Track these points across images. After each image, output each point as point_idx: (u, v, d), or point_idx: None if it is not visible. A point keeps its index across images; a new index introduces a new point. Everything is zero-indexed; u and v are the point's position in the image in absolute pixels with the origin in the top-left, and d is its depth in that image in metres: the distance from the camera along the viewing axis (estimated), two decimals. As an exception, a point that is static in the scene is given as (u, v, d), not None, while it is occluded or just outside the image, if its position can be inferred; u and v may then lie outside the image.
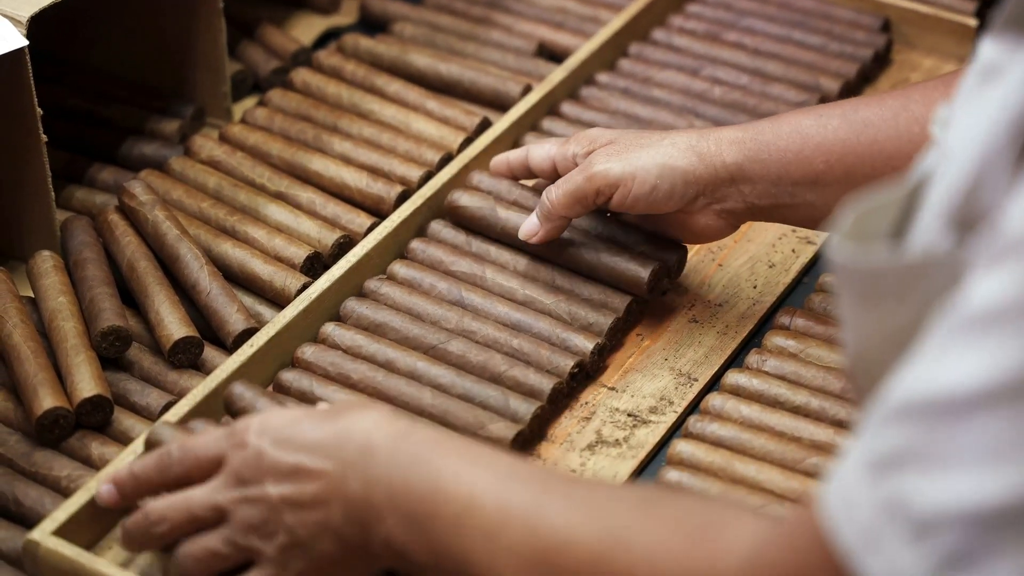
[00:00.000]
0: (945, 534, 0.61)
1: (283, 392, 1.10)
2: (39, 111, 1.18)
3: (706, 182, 1.12)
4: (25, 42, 1.15)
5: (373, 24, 1.56)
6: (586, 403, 1.13)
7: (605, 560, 0.78)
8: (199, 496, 0.93)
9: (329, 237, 1.24)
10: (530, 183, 1.26)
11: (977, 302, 0.61)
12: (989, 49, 0.72)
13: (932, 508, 0.62)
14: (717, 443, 1.08)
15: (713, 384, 1.15)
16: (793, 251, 1.26)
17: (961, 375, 0.61)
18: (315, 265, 1.23)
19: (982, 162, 0.65)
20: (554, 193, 1.15)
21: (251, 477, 0.91)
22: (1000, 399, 0.60)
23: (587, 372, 1.14)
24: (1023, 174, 0.64)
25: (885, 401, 0.65)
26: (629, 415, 1.12)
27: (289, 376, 1.11)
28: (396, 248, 1.23)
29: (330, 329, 1.15)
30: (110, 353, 1.13)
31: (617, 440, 1.10)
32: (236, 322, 1.15)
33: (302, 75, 1.43)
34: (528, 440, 1.08)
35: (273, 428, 0.91)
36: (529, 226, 1.18)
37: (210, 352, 1.15)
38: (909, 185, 0.72)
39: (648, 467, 1.09)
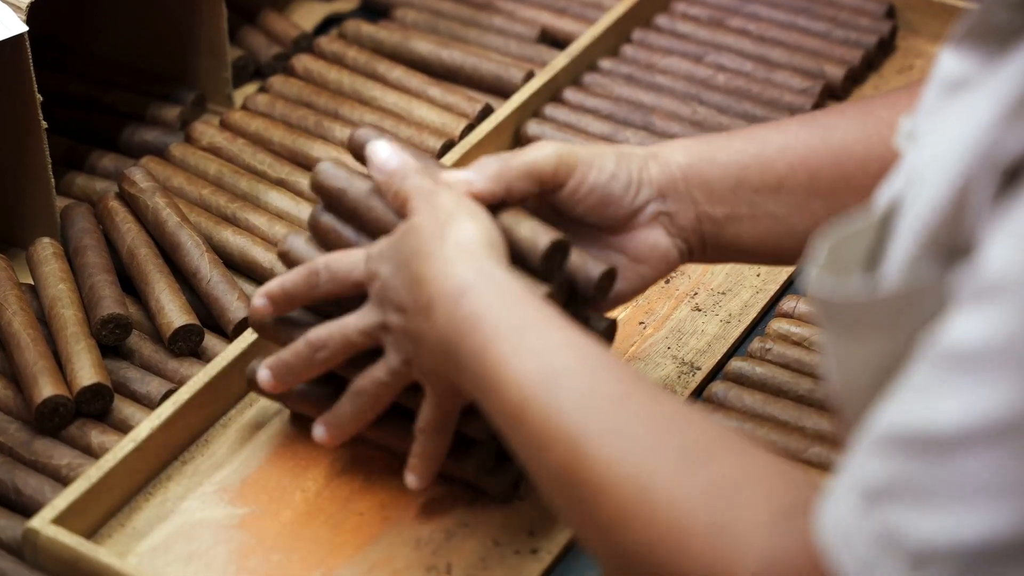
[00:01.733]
0: (941, 567, 0.62)
1: None
2: (39, 97, 1.18)
3: (659, 182, 1.01)
4: (25, 28, 1.14)
5: (375, 10, 1.56)
6: (588, 391, 1.12)
7: (633, 513, 0.77)
8: (352, 321, 0.97)
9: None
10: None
11: (962, 340, 0.62)
12: (951, 62, 0.72)
13: (926, 541, 0.63)
14: (720, 432, 1.07)
15: (716, 373, 1.15)
16: (797, 239, 1.26)
17: (950, 412, 0.62)
18: (316, 252, 1.22)
19: (962, 190, 0.65)
20: (506, 162, 0.99)
21: (384, 307, 0.95)
22: (988, 439, 0.61)
23: None
24: (1003, 208, 0.64)
25: (874, 429, 0.66)
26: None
27: None
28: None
29: None
30: (110, 341, 1.13)
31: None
32: (237, 310, 1.15)
33: (303, 61, 1.43)
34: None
35: (393, 259, 0.94)
36: (464, 175, 0.99)
37: (211, 340, 1.15)
38: (880, 211, 0.72)
39: (650, 456, 1.09)
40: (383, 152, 0.99)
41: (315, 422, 1.02)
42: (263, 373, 1.02)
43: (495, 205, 0.99)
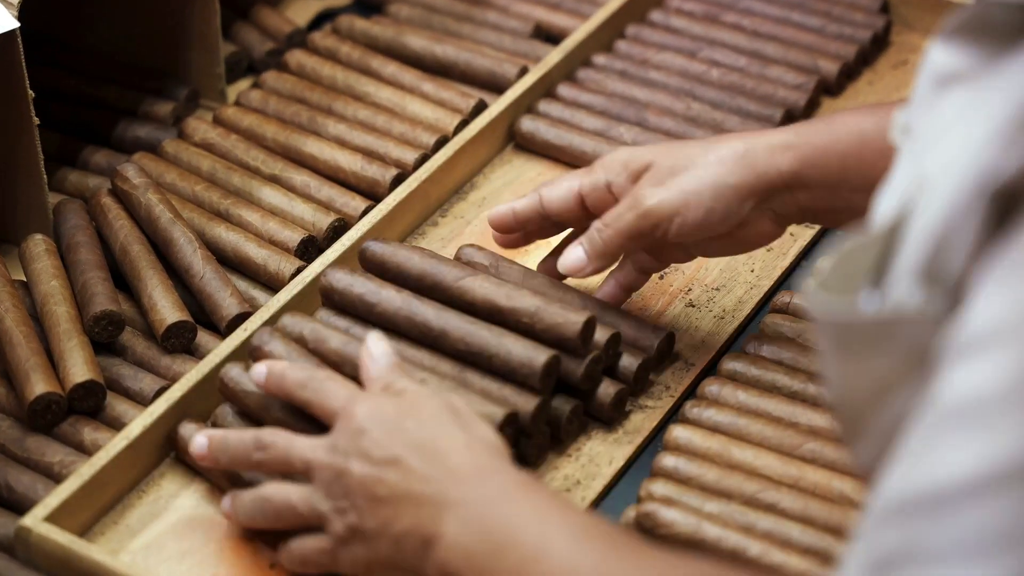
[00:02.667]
0: None
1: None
2: (31, 93, 1.17)
3: (760, 193, 1.06)
4: (17, 24, 1.14)
5: (368, 5, 1.55)
6: (582, 388, 1.12)
7: None
8: (300, 446, 0.95)
9: (323, 220, 1.23)
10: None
11: (955, 395, 0.62)
12: (942, 55, 0.72)
13: None
14: (714, 429, 1.07)
15: (710, 369, 1.15)
16: (791, 234, 1.25)
17: (946, 468, 0.61)
18: (309, 249, 1.22)
19: (948, 216, 0.65)
20: (607, 233, 1.07)
21: (344, 449, 0.92)
22: (986, 489, 0.60)
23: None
24: (993, 249, 0.63)
25: (876, 503, 0.65)
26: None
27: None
28: (391, 232, 1.23)
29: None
30: (103, 338, 1.12)
31: (614, 425, 1.09)
32: (230, 306, 1.14)
33: (297, 57, 1.42)
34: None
35: (382, 413, 0.92)
36: (575, 259, 1.09)
37: (203, 336, 1.15)
38: (888, 221, 0.71)
39: (644, 452, 1.09)
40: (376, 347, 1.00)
41: (225, 494, 1.00)
42: (200, 440, 1.00)
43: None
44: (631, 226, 1.06)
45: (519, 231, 1.15)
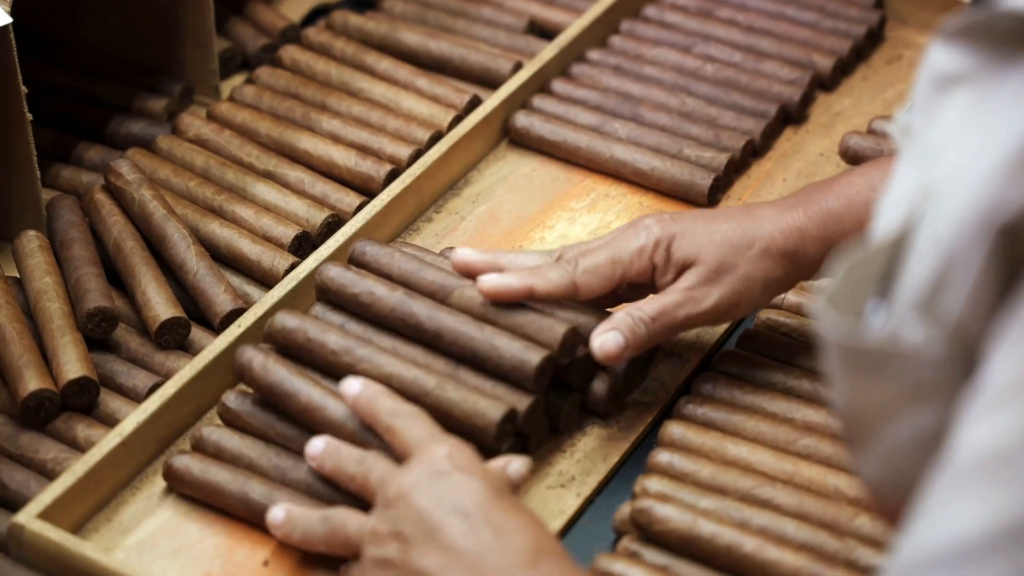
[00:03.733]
0: None
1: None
2: (24, 89, 1.17)
3: (795, 279, 1.09)
4: (9, 20, 1.14)
5: (362, 1, 1.55)
6: (577, 384, 1.12)
7: None
8: (354, 523, 0.94)
9: (318, 216, 1.23)
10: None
11: (967, 453, 0.62)
12: (943, 57, 0.71)
13: None
14: (709, 424, 1.07)
15: (705, 365, 1.15)
16: (786, 230, 1.25)
17: (959, 525, 0.61)
18: (303, 245, 1.22)
19: (950, 253, 0.65)
20: (655, 327, 1.04)
21: (384, 536, 0.92)
22: (1000, 545, 0.60)
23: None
24: (1006, 307, 0.63)
25: (897, 566, 0.65)
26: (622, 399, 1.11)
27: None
28: (386, 228, 1.23)
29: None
30: (96, 334, 1.12)
31: (608, 421, 1.09)
32: (223, 303, 1.14)
33: (291, 52, 1.42)
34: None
35: (417, 508, 0.91)
36: (613, 347, 1.03)
37: (197, 333, 1.14)
38: (894, 231, 0.71)
39: (639, 449, 1.09)
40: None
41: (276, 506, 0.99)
42: (279, 512, 0.98)
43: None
44: (682, 323, 1.05)
45: None
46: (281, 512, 0.97)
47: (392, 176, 1.27)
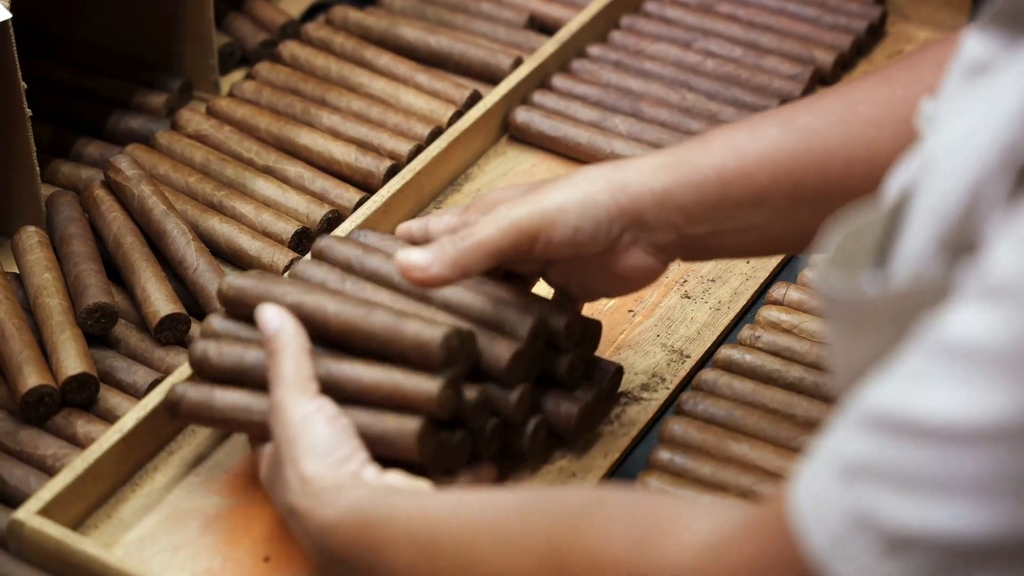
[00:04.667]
0: (918, 554, 0.62)
1: None
2: (23, 85, 1.17)
3: (632, 214, 0.97)
4: (8, 15, 1.14)
5: (362, -4, 1.55)
6: (577, 380, 1.12)
7: (553, 570, 0.79)
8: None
9: (317, 212, 1.23)
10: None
11: (963, 334, 0.61)
12: (975, 45, 0.71)
13: (903, 527, 0.62)
14: (710, 420, 1.07)
15: (706, 361, 1.14)
16: (786, 226, 1.25)
17: (945, 404, 0.61)
18: (303, 241, 1.21)
19: (976, 186, 0.64)
20: (462, 245, 0.96)
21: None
22: (981, 439, 0.60)
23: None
24: (1016, 205, 0.63)
25: (858, 406, 0.65)
26: (621, 392, 1.11)
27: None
28: (385, 224, 1.22)
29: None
30: (96, 330, 1.12)
31: (609, 418, 1.09)
32: (223, 298, 1.14)
33: (290, 48, 1.42)
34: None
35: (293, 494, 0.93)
36: (416, 260, 0.97)
37: (197, 329, 1.14)
38: (892, 200, 0.71)
39: (640, 445, 1.08)
40: (267, 315, 0.99)
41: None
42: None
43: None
44: (489, 239, 0.96)
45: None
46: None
47: (392, 172, 1.27)
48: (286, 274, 1.08)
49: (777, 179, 0.96)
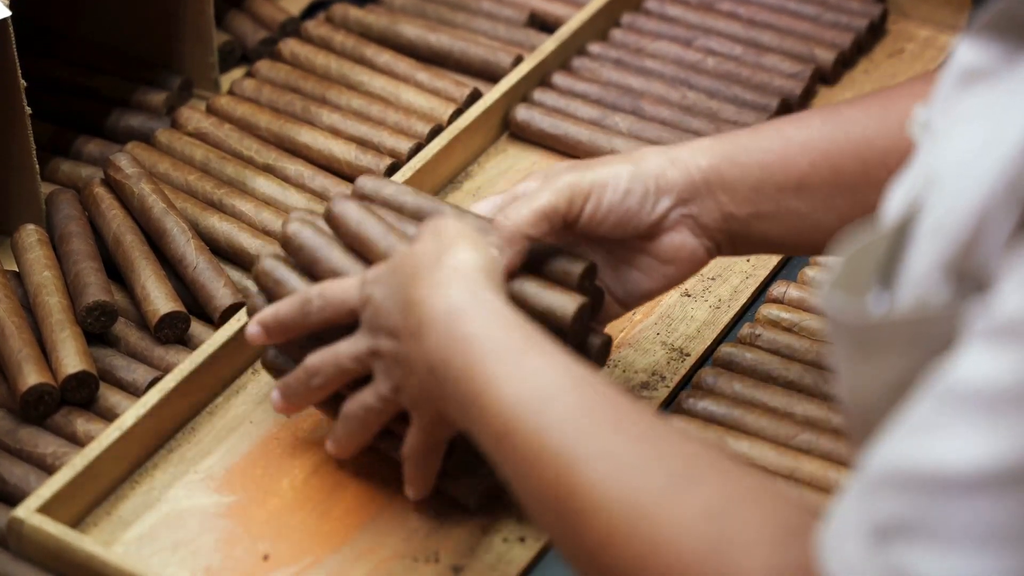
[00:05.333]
0: None
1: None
2: (23, 83, 1.17)
3: (680, 188, 1.01)
4: (8, 13, 1.13)
5: (362, -6, 1.55)
6: (577, 378, 1.12)
7: (624, 535, 0.76)
8: (345, 348, 0.97)
9: (318, 211, 1.23)
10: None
11: (973, 378, 0.61)
12: (968, 51, 0.71)
13: None
14: (709, 419, 1.07)
15: (706, 359, 1.14)
16: (787, 224, 1.25)
17: (961, 454, 0.61)
18: (303, 239, 1.21)
19: (982, 211, 0.64)
20: (514, 212, 0.99)
21: (374, 331, 0.95)
22: (1001, 484, 0.60)
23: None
24: (1019, 242, 0.63)
25: (879, 463, 0.65)
26: (621, 390, 1.11)
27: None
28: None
29: None
30: (95, 328, 1.12)
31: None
32: (223, 297, 1.14)
33: (290, 46, 1.42)
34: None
35: (386, 284, 0.94)
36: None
37: (197, 327, 1.14)
38: (897, 218, 0.71)
39: (640, 443, 1.08)
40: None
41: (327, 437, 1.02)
42: (274, 394, 1.02)
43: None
44: (545, 203, 0.99)
45: None
46: (275, 394, 1.02)
47: (392, 170, 1.27)
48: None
49: (816, 165, 1.01)
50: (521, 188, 1.03)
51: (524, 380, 0.84)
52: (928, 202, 0.68)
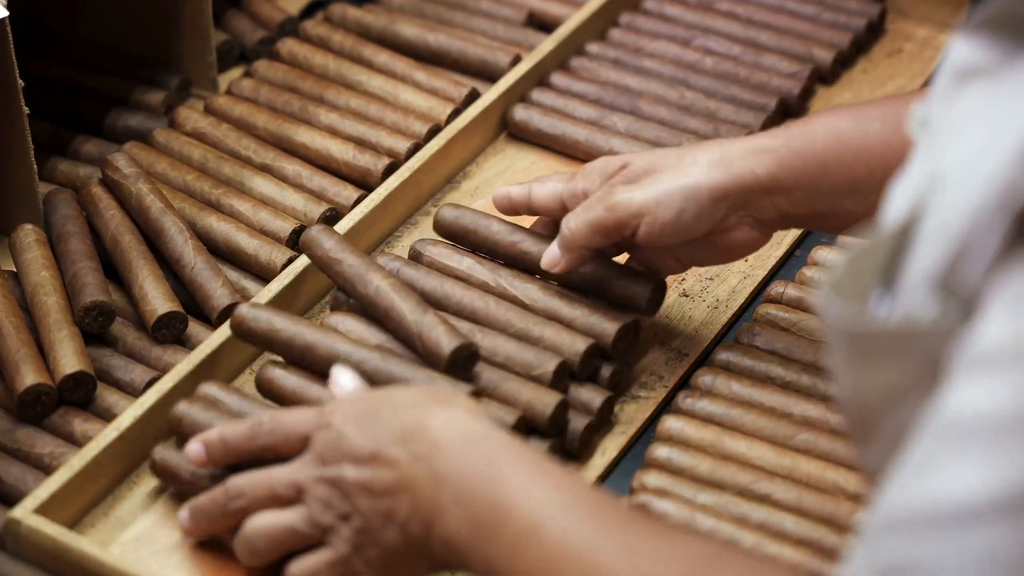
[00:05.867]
0: None
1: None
2: (21, 83, 1.17)
3: (736, 197, 1.04)
4: (6, 12, 1.13)
5: (361, -7, 1.55)
6: (575, 378, 1.12)
7: None
8: (281, 473, 0.93)
9: (315, 210, 1.23)
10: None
11: (963, 411, 0.61)
12: (963, 48, 0.71)
13: None
14: (707, 419, 1.07)
15: (704, 359, 1.14)
16: (785, 224, 1.25)
17: (954, 486, 0.61)
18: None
19: (971, 225, 0.64)
20: (574, 223, 1.06)
21: (332, 458, 0.91)
22: (998, 514, 0.60)
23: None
24: (1006, 266, 0.62)
25: (880, 511, 0.65)
26: (620, 392, 1.11)
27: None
28: (384, 222, 1.22)
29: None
30: (93, 328, 1.12)
31: (607, 416, 1.09)
32: (221, 297, 1.14)
33: (289, 45, 1.42)
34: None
35: (356, 412, 0.91)
36: (551, 255, 1.08)
37: (194, 327, 1.14)
38: (900, 219, 0.71)
39: (637, 443, 1.08)
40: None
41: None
42: (183, 515, 0.98)
43: None
44: (597, 218, 1.05)
45: (512, 213, 1.14)
46: (183, 514, 0.98)
47: (390, 170, 1.27)
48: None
49: (873, 170, 1.02)
50: (580, 186, 1.08)
51: (547, 486, 0.84)
52: (931, 204, 0.68)
